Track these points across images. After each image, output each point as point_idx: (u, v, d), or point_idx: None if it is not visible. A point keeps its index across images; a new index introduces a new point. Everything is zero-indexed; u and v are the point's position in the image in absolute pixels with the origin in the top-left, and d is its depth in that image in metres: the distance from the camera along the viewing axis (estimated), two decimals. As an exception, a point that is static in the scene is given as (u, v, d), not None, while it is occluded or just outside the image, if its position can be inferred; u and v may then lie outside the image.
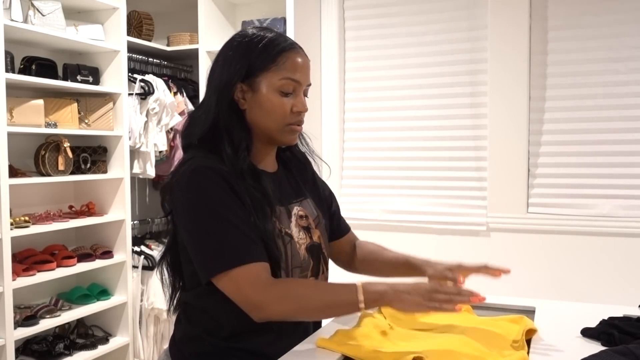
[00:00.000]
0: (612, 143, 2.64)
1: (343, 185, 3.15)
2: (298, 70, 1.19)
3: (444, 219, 2.91)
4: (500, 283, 3.04)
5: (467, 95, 2.88)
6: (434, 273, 1.32)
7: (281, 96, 1.18)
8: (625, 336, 1.16)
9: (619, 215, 2.62)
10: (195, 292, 1.21)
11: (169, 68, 3.30)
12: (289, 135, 1.22)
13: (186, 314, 1.25)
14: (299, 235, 1.24)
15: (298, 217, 1.26)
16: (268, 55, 1.17)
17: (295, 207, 1.27)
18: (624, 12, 2.60)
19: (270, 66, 1.17)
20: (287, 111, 1.19)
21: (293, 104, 1.19)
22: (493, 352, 1.11)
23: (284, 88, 1.18)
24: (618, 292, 2.59)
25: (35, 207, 2.79)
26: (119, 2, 2.88)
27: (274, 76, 1.17)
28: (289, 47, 1.19)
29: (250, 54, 1.18)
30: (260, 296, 1.09)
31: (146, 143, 3.01)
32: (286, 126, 1.20)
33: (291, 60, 1.18)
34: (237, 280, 1.09)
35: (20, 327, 2.47)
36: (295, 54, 1.19)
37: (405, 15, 2.98)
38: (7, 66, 2.41)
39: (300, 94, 1.21)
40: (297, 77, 1.19)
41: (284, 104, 1.18)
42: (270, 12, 3.11)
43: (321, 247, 1.30)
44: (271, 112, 1.18)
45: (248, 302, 1.10)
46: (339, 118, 3.13)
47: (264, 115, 1.19)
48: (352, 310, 1.11)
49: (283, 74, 1.17)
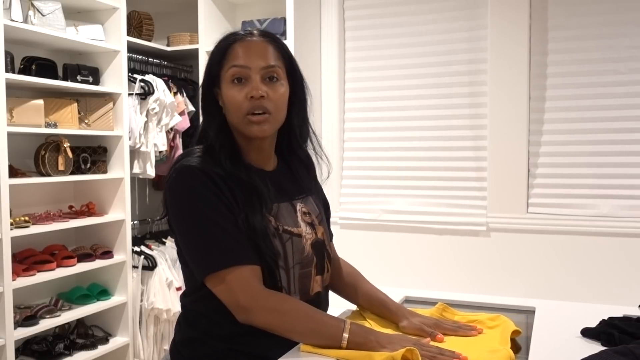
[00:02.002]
0: (611, 143, 2.64)
1: (343, 185, 3.15)
2: (243, 55, 1.18)
3: (444, 219, 2.91)
4: (500, 283, 3.04)
5: (467, 95, 2.88)
6: (408, 325, 1.24)
7: (234, 85, 1.18)
8: (625, 336, 1.16)
9: (619, 215, 2.62)
10: (195, 296, 1.21)
11: (169, 68, 3.30)
12: (249, 126, 1.18)
13: (186, 317, 1.26)
14: (307, 230, 1.24)
15: (302, 213, 1.26)
16: (221, 52, 1.20)
17: (299, 203, 1.27)
18: (624, 12, 2.60)
19: (223, 62, 1.19)
20: (240, 100, 1.17)
21: (247, 92, 1.17)
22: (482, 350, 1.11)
23: (235, 76, 1.18)
24: (618, 292, 2.59)
25: (35, 207, 2.79)
26: (119, 2, 2.88)
27: (226, 69, 1.19)
28: (239, 38, 1.20)
29: (213, 58, 1.22)
30: (250, 301, 1.10)
31: (146, 143, 3.01)
32: (245, 117, 1.18)
33: (236, 49, 1.19)
34: (228, 281, 1.10)
35: (20, 327, 2.47)
36: (243, 42, 1.19)
37: (405, 15, 2.98)
38: (7, 66, 2.41)
39: (254, 79, 1.17)
40: (241, 62, 1.17)
41: (237, 94, 1.17)
42: (270, 12, 3.11)
43: (324, 244, 1.30)
44: (230, 105, 1.19)
45: (237, 304, 1.11)
46: (339, 118, 3.13)
47: (228, 112, 1.21)
48: (332, 344, 1.10)
49: (230, 63, 1.18)
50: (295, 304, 1.14)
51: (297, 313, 1.12)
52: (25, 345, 2.67)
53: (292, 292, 1.20)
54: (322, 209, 1.36)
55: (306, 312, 1.13)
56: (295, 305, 1.14)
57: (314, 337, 1.12)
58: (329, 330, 1.10)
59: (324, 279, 1.29)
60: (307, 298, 1.22)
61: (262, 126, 1.18)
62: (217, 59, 1.21)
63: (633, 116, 2.60)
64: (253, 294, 1.11)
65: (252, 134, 1.19)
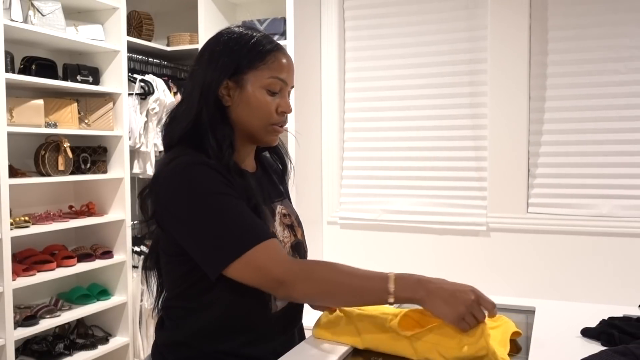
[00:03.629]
0: (611, 143, 2.64)
1: (343, 185, 3.15)
2: (285, 70, 1.20)
3: (444, 219, 2.91)
4: (500, 283, 3.04)
5: (467, 96, 2.88)
6: None
7: (268, 95, 1.18)
8: (625, 336, 1.16)
9: (618, 215, 2.62)
10: (180, 296, 1.18)
11: (169, 68, 3.30)
12: (271, 135, 1.22)
13: (170, 318, 1.22)
14: (284, 234, 1.24)
15: (282, 215, 1.26)
16: (257, 53, 1.18)
17: (278, 205, 1.28)
18: (624, 12, 2.60)
19: (258, 64, 1.18)
20: (272, 110, 1.19)
21: (278, 104, 1.19)
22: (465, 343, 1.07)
23: (271, 87, 1.18)
24: (618, 292, 2.59)
25: (35, 207, 2.79)
26: (119, 2, 2.88)
27: (262, 74, 1.17)
28: (276, 47, 1.21)
29: (239, 51, 1.18)
30: (285, 272, 1.06)
31: (146, 143, 3.01)
32: (269, 126, 1.20)
33: (279, 60, 1.19)
34: (256, 260, 1.06)
35: (20, 327, 2.47)
36: (282, 55, 1.21)
37: (405, 15, 2.98)
38: (7, 66, 2.41)
39: (285, 94, 1.21)
40: (283, 76, 1.20)
41: (269, 103, 1.18)
42: (270, 12, 3.11)
43: (304, 245, 1.31)
44: (257, 109, 1.18)
45: (272, 278, 1.07)
46: (339, 118, 3.13)
47: (249, 113, 1.18)
48: (379, 300, 1.06)
49: (271, 72, 1.18)
50: (329, 266, 1.11)
51: (334, 274, 1.09)
52: (25, 345, 2.67)
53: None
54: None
55: (343, 271, 1.09)
56: (330, 266, 1.11)
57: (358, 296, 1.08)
58: (372, 285, 1.06)
59: None
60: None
61: (277, 137, 1.25)
62: (249, 57, 1.17)
63: (633, 116, 2.60)
64: (288, 265, 1.08)
65: (268, 142, 1.23)
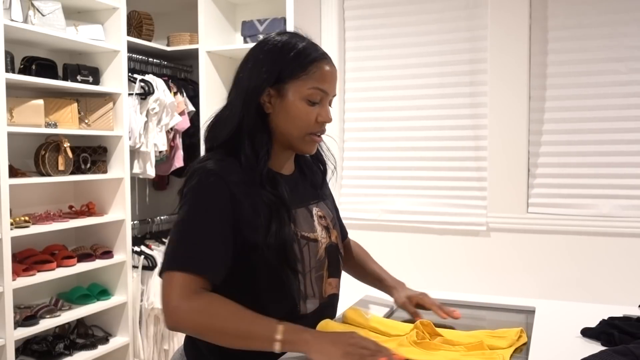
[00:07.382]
0: (612, 143, 2.64)
1: (343, 185, 3.15)
2: (327, 80, 1.21)
3: (444, 219, 2.91)
4: (500, 283, 3.04)
5: (467, 95, 2.88)
6: (398, 298, 1.43)
7: (308, 105, 1.19)
8: (625, 336, 1.16)
9: (619, 215, 2.62)
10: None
11: (169, 68, 3.30)
12: (309, 144, 1.24)
13: None
14: (322, 234, 1.26)
15: (318, 217, 1.28)
16: (300, 63, 1.19)
17: (314, 207, 1.29)
18: (624, 12, 2.60)
19: (300, 74, 1.18)
20: (311, 120, 1.20)
21: (318, 114, 1.21)
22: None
23: (311, 97, 1.19)
24: (618, 292, 2.59)
25: (35, 207, 2.79)
26: (119, 2, 2.88)
27: (303, 84, 1.19)
28: (320, 57, 1.21)
29: (282, 60, 1.19)
30: (178, 303, 1.05)
31: (146, 143, 3.01)
32: (307, 135, 1.22)
33: (321, 70, 1.20)
34: (170, 282, 1.07)
35: (20, 327, 2.47)
36: (325, 64, 1.21)
37: (405, 15, 2.98)
38: (7, 66, 2.41)
39: (326, 104, 1.23)
40: (325, 87, 1.20)
41: (309, 113, 1.20)
42: (270, 12, 3.10)
43: (338, 248, 1.32)
44: (296, 119, 1.20)
45: (165, 306, 1.07)
46: (339, 118, 3.13)
47: (288, 122, 1.20)
48: (265, 346, 1.03)
49: (312, 83, 1.19)
50: (226, 305, 1.07)
51: (226, 313, 1.06)
52: (25, 345, 2.67)
53: (310, 296, 1.21)
54: (335, 212, 1.38)
55: (237, 311, 1.06)
56: (227, 305, 1.07)
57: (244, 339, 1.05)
58: (260, 331, 1.04)
59: (338, 281, 1.32)
60: (322, 301, 1.24)
61: (316, 146, 1.27)
62: (291, 67, 1.18)
63: (633, 116, 2.60)
64: (184, 295, 1.06)
65: (306, 151, 1.26)
